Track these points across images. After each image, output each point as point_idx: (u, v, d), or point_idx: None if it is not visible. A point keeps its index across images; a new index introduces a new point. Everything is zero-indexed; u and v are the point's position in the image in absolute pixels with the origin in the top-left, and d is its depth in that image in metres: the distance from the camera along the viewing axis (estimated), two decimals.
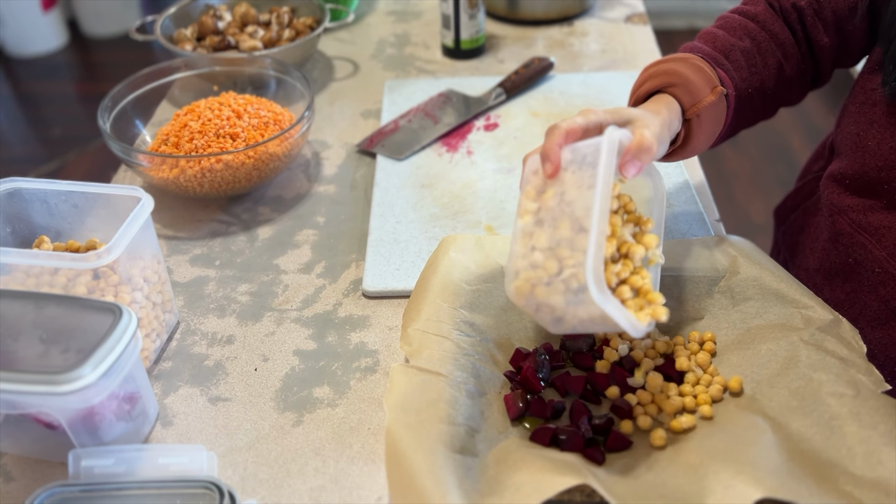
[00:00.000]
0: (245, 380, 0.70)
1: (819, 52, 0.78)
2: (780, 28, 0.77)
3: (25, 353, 0.56)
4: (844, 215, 0.77)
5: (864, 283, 0.76)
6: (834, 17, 0.77)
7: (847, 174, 0.77)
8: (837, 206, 0.78)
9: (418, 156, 0.98)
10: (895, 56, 0.69)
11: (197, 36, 1.15)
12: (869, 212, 0.75)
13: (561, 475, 0.53)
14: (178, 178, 0.85)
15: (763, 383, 0.63)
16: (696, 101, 0.69)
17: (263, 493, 0.60)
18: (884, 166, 0.72)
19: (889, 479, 0.52)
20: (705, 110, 0.69)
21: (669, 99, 0.69)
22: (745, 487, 0.51)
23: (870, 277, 0.75)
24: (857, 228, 0.76)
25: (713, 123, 0.71)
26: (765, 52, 0.76)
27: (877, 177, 0.73)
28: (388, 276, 0.79)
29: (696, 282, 0.71)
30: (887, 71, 0.70)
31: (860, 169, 0.75)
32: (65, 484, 0.56)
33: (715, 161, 2.32)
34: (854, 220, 0.76)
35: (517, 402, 0.63)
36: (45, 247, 0.71)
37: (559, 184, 0.59)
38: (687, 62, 0.71)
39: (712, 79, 0.70)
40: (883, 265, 0.74)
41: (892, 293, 0.73)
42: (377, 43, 1.27)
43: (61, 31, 3.07)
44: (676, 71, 0.69)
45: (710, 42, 0.76)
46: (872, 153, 0.73)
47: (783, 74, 0.77)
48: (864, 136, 0.74)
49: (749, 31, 0.76)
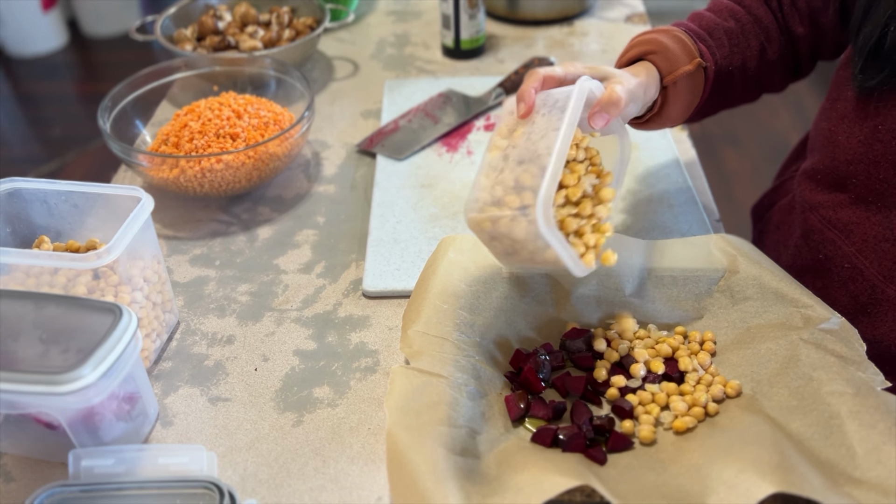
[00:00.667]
0: (245, 380, 0.70)
1: (796, 41, 0.81)
2: (763, 13, 0.80)
3: (25, 353, 0.55)
4: (815, 212, 0.78)
5: (834, 279, 0.77)
6: (808, 9, 0.80)
7: (819, 169, 0.78)
8: (809, 203, 0.79)
9: (418, 156, 0.98)
10: (862, 49, 0.70)
11: (197, 36, 1.15)
12: (839, 207, 0.76)
13: (562, 476, 0.53)
14: (178, 178, 0.85)
15: (763, 383, 0.63)
16: (673, 70, 0.72)
17: (263, 493, 0.60)
18: (852, 160, 0.73)
19: (888, 477, 0.52)
20: (682, 79, 0.72)
21: (649, 65, 0.72)
22: (749, 486, 0.51)
23: (840, 273, 0.76)
24: (827, 225, 0.77)
25: (689, 94, 0.74)
26: (748, 34, 0.79)
27: (846, 171, 0.74)
28: (388, 276, 0.79)
29: (695, 281, 0.71)
30: (855, 65, 0.71)
31: (831, 164, 0.76)
32: (65, 484, 0.56)
33: (715, 161, 2.32)
34: (824, 217, 0.77)
35: (518, 403, 0.63)
36: (45, 247, 0.71)
37: (529, 124, 0.62)
38: (669, 33, 0.74)
39: (692, 50, 0.73)
40: (852, 261, 0.75)
41: (860, 288, 0.74)
42: (377, 43, 1.27)
43: (61, 31, 3.07)
44: (657, 40, 0.73)
45: (696, 20, 0.79)
46: (842, 148, 0.74)
47: (765, 57, 0.80)
48: (834, 132, 0.75)
49: (734, 13, 0.79)
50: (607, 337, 0.69)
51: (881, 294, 0.73)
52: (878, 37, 0.67)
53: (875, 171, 0.71)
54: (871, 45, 0.68)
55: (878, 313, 0.74)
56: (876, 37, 0.67)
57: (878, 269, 0.73)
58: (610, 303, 0.71)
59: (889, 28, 0.66)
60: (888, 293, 0.72)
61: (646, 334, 0.70)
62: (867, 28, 0.69)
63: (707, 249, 0.73)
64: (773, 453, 0.54)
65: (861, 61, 0.70)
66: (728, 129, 2.43)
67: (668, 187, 0.90)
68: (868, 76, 0.69)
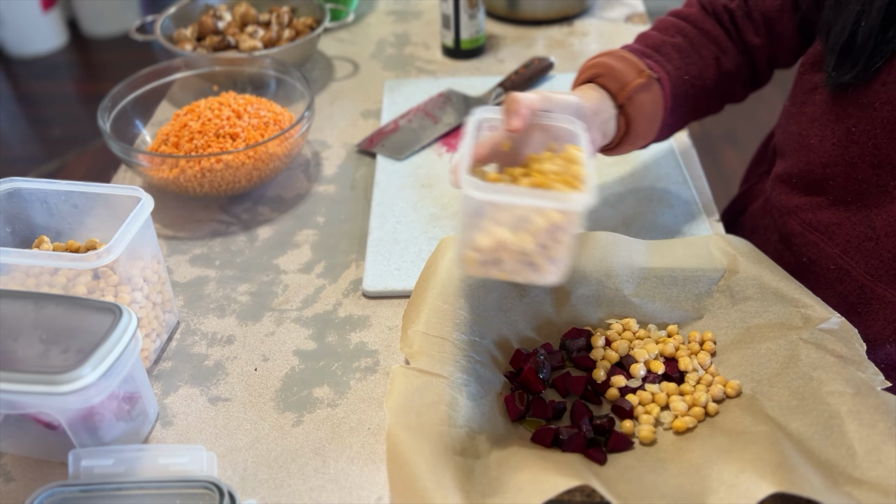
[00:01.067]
0: (245, 380, 0.70)
1: (752, 52, 0.81)
2: (711, 26, 0.80)
3: (25, 353, 0.55)
4: (794, 215, 0.79)
5: (820, 281, 0.77)
6: (763, 18, 0.80)
7: (793, 173, 0.78)
8: (786, 207, 0.80)
9: (418, 156, 0.98)
10: (834, 47, 0.70)
11: (197, 36, 1.15)
12: (817, 210, 0.76)
13: (562, 476, 0.53)
14: (178, 178, 0.85)
15: (763, 383, 0.63)
16: (622, 87, 0.72)
17: (263, 493, 0.60)
18: (828, 163, 0.73)
19: (888, 477, 0.52)
20: (637, 94, 0.72)
21: (597, 87, 0.73)
22: (749, 486, 0.51)
23: (826, 275, 0.76)
24: (807, 228, 0.77)
25: (650, 108, 0.74)
26: (698, 46, 0.79)
27: (822, 174, 0.74)
28: (388, 276, 0.79)
29: (695, 281, 0.71)
30: (828, 63, 0.71)
31: (805, 167, 0.76)
32: (65, 484, 0.56)
33: (715, 161, 2.32)
34: (804, 220, 0.77)
35: (518, 403, 0.63)
36: (45, 247, 0.71)
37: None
38: (614, 54, 0.75)
39: (639, 66, 0.74)
40: (837, 262, 0.75)
41: (849, 288, 0.74)
42: (377, 43, 1.27)
43: (61, 31, 3.07)
44: (602, 62, 0.74)
45: (642, 41, 0.80)
46: (816, 151, 0.74)
47: (721, 67, 0.80)
48: (805, 135, 0.76)
49: (680, 30, 0.80)
50: (607, 337, 0.69)
51: (870, 293, 0.73)
52: (849, 33, 0.68)
53: (853, 172, 0.71)
54: (842, 41, 0.69)
55: (870, 312, 0.74)
56: (847, 33, 0.68)
57: (864, 268, 0.73)
58: (610, 303, 0.71)
59: (860, 24, 0.67)
60: (877, 291, 0.72)
61: (646, 334, 0.70)
62: (838, 26, 0.69)
63: (707, 249, 0.73)
64: (773, 453, 0.54)
65: (834, 59, 0.70)
66: (728, 129, 2.43)
67: (668, 187, 0.90)
68: (842, 72, 0.70)
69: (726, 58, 0.80)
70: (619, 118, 0.73)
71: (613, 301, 0.71)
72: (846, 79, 0.69)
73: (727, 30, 0.81)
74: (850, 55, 0.69)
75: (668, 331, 0.70)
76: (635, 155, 0.95)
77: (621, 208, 0.87)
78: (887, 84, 0.67)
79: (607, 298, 0.71)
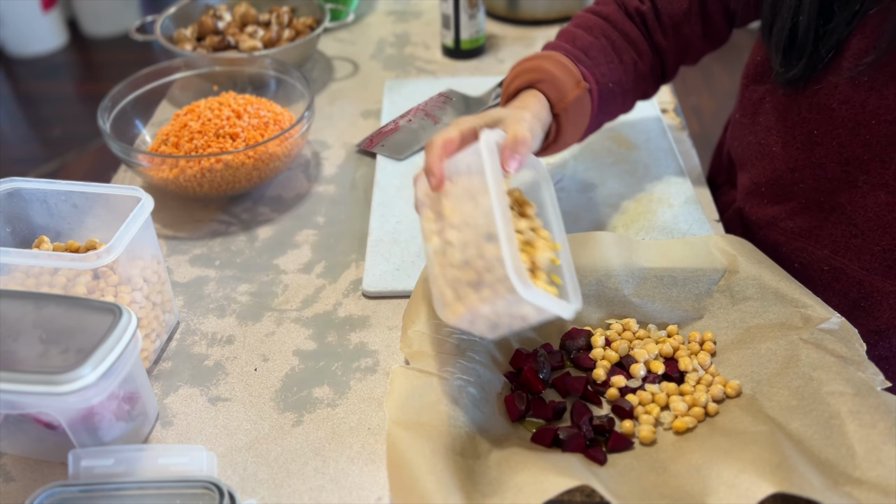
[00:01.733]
0: (245, 380, 0.70)
1: (661, 52, 0.82)
2: (630, 27, 0.80)
3: (25, 353, 0.55)
4: (773, 226, 0.79)
5: (817, 284, 0.77)
6: (671, 22, 0.81)
7: (760, 183, 0.79)
8: (763, 219, 0.80)
9: (418, 156, 0.98)
10: (778, 45, 0.71)
11: (197, 36, 1.15)
12: (794, 216, 0.77)
13: (562, 476, 0.53)
14: (178, 178, 0.85)
15: (763, 383, 0.63)
16: (562, 97, 0.72)
17: (263, 493, 0.60)
18: (795, 167, 0.74)
19: (888, 477, 0.52)
20: (571, 105, 0.72)
21: (538, 94, 0.72)
22: (749, 486, 0.51)
23: (821, 276, 0.76)
24: (790, 235, 0.77)
25: (580, 117, 0.74)
26: (619, 50, 0.79)
27: (790, 179, 0.75)
28: (388, 277, 0.79)
29: (695, 281, 0.71)
30: (775, 61, 0.72)
31: (772, 175, 0.77)
32: (65, 484, 0.56)
33: None
34: (784, 229, 0.78)
35: (518, 404, 0.63)
36: (45, 247, 0.71)
37: (453, 199, 0.59)
38: (552, 59, 0.73)
39: (575, 74, 0.73)
40: (829, 262, 0.75)
41: (847, 286, 0.75)
42: (377, 43, 1.27)
43: (61, 31, 3.07)
44: (543, 68, 0.72)
45: (571, 41, 0.79)
46: (779, 157, 0.75)
47: (638, 70, 0.81)
48: (765, 143, 0.77)
49: (604, 31, 0.80)
50: (607, 337, 0.69)
51: (869, 287, 0.73)
52: (789, 29, 0.69)
53: (822, 173, 0.72)
54: (784, 38, 0.70)
55: (873, 305, 0.74)
56: (787, 30, 0.70)
57: (857, 264, 0.73)
58: (610, 303, 0.71)
59: (798, 18, 0.68)
60: (876, 284, 0.73)
61: (646, 334, 0.70)
62: (777, 24, 0.71)
63: (707, 249, 0.73)
64: (773, 453, 0.54)
65: (780, 56, 0.71)
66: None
67: (668, 187, 0.90)
68: (789, 68, 0.71)
69: (642, 61, 0.81)
70: (552, 125, 0.73)
71: (613, 301, 0.71)
72: (795, 74, 0.70)
73: (641, 32, 0.81)
74: (794, 50, 0.70)
75: (668, 331, 0.70)
76: (635, 155, 0.95)
77: (621, 208, 0.87)
78: (840, 85, 0.68)
79: (607, 298, 0.71)
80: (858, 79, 0.67)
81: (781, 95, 0.74)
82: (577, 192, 0.90)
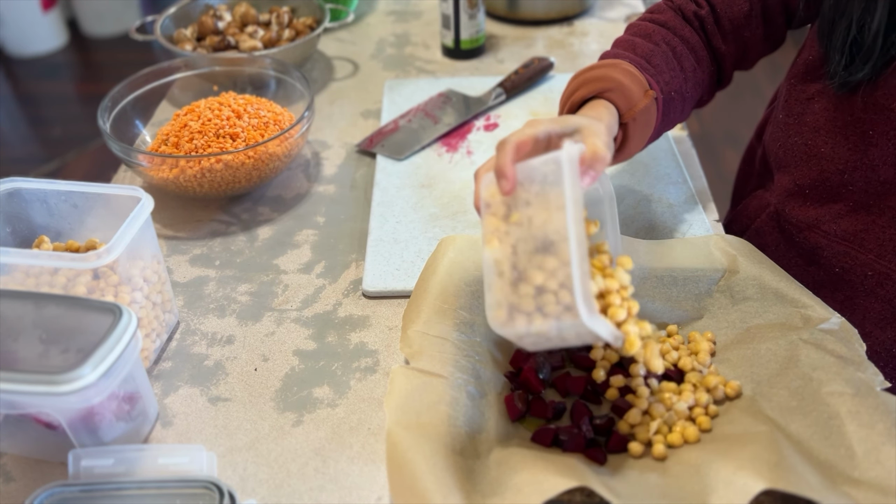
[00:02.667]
0: (245, 380, 0.70)
1: (720, 57, 0.81)
2: (689, 33, 0.79)
3: (25, 353, 0.56)
4: (815, 229, 0.77)
5: (858, 289, 0.75)
6: (731, 26, 0.79)
7: (804, 185, 0.77)
8: (805, 222, 0.78)
9: (418, 156, 0.98)
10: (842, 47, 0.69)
11: (197, 36, 1.15)
12: (839, 219, 0.75)
13: (562, 476, 0.53)
14: (178, 178, 0.85)
15: (763, 383, 0.63)
16: (631, 106, 0.70)
17: (263, 493, 0.60)
18: (845, 169, 0.72)
19: (887, 477, 0.52)
20: (640, 114, 0.71)
21: (607, 104, 0.70)
22: (746, 482, 0.51)
23: (863, 282, 0.75)
24: (833, 239, 0.76)
25: (646, 126, 0.73)
26: (680, 56, 0.78)
27: (839, 180, 0.73)
28: (388, 276, 0.79)
29: (695, 281, 0.71)
30: (834, 63, 0.70)
31: (818, 177, 0.75)
32: (65, 484, 0.56)
33: (715, 161, 2.32)
34: (827, 231, 0.76)
35: (518, 403, 0.63)
36: (45, 247, 0.71)
37: (524, 206, 0.57)
38: (619, 67, 0.71)
39: (643, 83, 0.72)
40: (874, 267, 0.73)
41: (892, 292, 0.73)
42: (377, 43, 1.27)
43: (61, 31, 3.07)
44: (611, 76, 0.70)
45: (631, 49, 0.77)
46: (828, 158, 0.74)
47: (697, 77, 0.79)
48: (812, 144, 0.75)
49: (664, 37, 0.78)
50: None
51: None
52: (856, 31, 0.67)
53: (874, 175, 0.71)
54: (850, 41, 0.68)
55: None
56: (854, 32, 0.68)
57: None
58: None
59: (865, 20, 0.67)
60: None
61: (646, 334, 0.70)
62: (841, 25, 0.69)
63: (707, 249, 0.73)
64: (771, 452, 0.54)
65: (843, 58, 0.69)
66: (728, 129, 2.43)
67: (668, 187, 0.90)
68: (853, 70, 0.69)
69: (701, 68, 0.80)
70: (618, 134, 0.71)
71: None
72: (858, 77, 0.68)
73: (700, 37, 0.80)
74: (860, 53, 0.68)
75: (668, 331, 0.70)
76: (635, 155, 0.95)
77: (621, 208, 0.87)
78: None
79: None
80: None
81: (833, 95, 0.72)
82: None
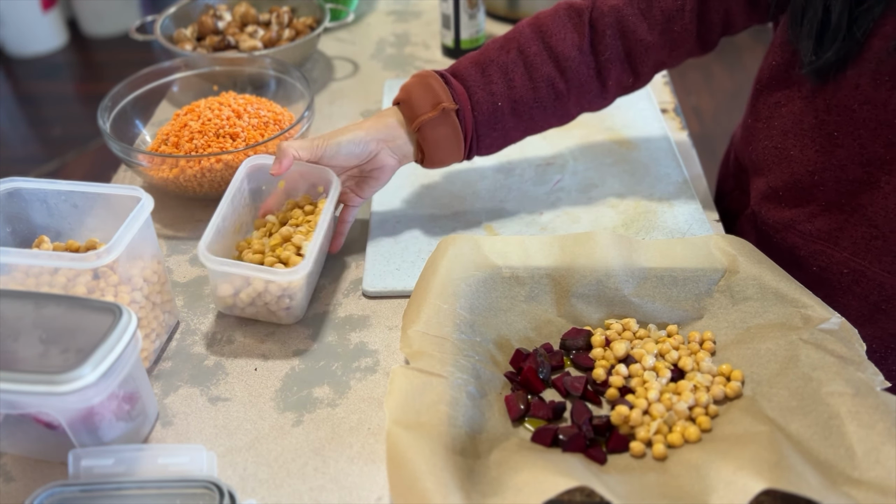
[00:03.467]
0: (245, 380, 0.70)
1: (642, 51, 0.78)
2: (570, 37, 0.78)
3: (25, 353, 0.56)
4: (791, 229, 0.78)
5: (836, 287, 0.76)
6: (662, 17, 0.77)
7: (778, 187, 0.78)
8: (780, 223, 0.79)
9: None
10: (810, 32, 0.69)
11: (197, 36, 1.15)
12: (813, 219, 0.76)
13: (562, 476, 0.53)
14: (178, 178, 0.85)
15: (763, 383, 0.63)
16: (415, 117, 0.76)
17: (263, 493, 0.60)
18: (815, 170, 0.74)
19: (887, 478, 0.52)
20: (424, 126, 0.76)
21: (397, 111, 0.78)
22: (747, 481, 0.51)
23: (840, 280, 0.76)
24: (809, 238, 0.77)
25: (444, 137, 0.77)
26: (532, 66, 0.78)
27: (810, 181, 0.74)
28: (388, 276, 0.79)
29: (695, 281, 0.71)
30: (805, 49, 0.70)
31: (790, 179, 0.76)
32: (65, 484, 0.56)
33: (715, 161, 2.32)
34: (803, 231, 0.77)
35: (518, 403, 0.63)
36: (45, 247, 0.71)
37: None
38: (421, 80, 0.77)
39: (437, 97, 0.76)
40: (849, 265, 0.75)
41: (867, 288, 0.74)
42: (377, 43, 1.27)
43: (61, 31, 3.07)
44: (408, 87, 0.78)
45: (477, 56, 0.79)
46: (798, 161, 0.75)
47: (556, 87, 0.78)
48: (782, 147, 0.76)
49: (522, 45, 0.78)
50: (607, 337, 0.69)
51: (891, 289, 0.73)
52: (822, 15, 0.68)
53: (842, 175, 0.72)
54: (817, 24, 0.69)
55: (895, 308, 0.74)
56: (820, 15, 0.68)
57: (879, 266, 0.73)
58: (610, 303, 0.71)
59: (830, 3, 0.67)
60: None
61: (646, 334, 0.70)
62: (809, 12, 0.69)
63: (707, 249, 0.73)
64: (771, 452, 0.54)
65: (812, 43, 0.70)
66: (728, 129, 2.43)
67: (668, 187, 0.90)
68: (821, 54, 0.69)
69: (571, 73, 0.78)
70: (418, 142, 0.78)
71: (613, 301, 0.71)
72: (829, 58, 0.69)
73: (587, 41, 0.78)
74: (828, 34, 0.69)
75: (668, 331, 0.70)
76: (635, 155, 0.95)
77: (621, 208, 0.87)
78: (860, 86, 0.68)
79: (607, 298, 0.71)
80: (880, 78, 0.67)
81: (798, 99, 0.74)
82: (577, 192, 0.90)
